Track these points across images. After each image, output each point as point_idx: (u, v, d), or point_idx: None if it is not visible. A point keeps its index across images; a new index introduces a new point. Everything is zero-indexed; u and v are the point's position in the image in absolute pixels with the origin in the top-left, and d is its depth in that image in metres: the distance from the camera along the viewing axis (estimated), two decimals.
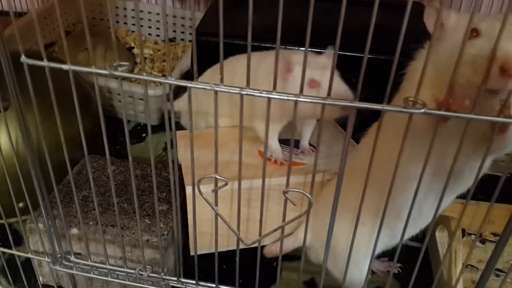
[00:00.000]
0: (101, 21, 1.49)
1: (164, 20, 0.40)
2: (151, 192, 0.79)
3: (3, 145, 0.79)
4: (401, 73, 0.60)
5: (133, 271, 0.62)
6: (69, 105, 0.55)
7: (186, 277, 0.62)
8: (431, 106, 0.41)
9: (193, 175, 0.50)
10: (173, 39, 1.45)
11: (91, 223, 0.72)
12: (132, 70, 1.31)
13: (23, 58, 0.47)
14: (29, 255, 0.69)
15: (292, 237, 0.78)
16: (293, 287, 0.80)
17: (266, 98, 0.43)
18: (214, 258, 0.57)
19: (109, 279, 0.65)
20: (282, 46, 0.48)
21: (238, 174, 0.49)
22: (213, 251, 0.56)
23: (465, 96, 0.44)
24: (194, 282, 0.61)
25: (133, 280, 0.64)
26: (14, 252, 0.68)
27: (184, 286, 0.62)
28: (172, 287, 0.64)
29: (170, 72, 0.45)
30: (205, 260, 0.79)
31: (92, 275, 0.65)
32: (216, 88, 0.44)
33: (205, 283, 0.61)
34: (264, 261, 0.72)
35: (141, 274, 0.62)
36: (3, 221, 0.66)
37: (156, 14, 1.43)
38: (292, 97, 0.42)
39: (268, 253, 0.78)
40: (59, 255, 0.65)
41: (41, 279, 0.77)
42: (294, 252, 0.81)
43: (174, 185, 0.53)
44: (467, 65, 0.48)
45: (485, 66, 0.44)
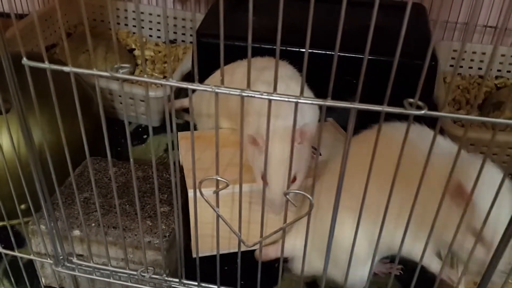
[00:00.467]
0: (102, 22, 1.49)
1: (165, 21, 0.41)
2: (153, 194, 0.79)
3: (4, 147, 0.79)
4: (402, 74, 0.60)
5: (135, 273, 0.62)
6: (70, 106, 0.55)
7: (188, 278, 0.62)
8: None
9: (194, 177, 0.50)
10: (174, 41, 1.45)
11: (93, 224, 0.73)
12: (133, 71, 1.31)
13: (24, 61, 0.47)
14: (32, 257, 0.69)
15: (289, 244, 0.76)
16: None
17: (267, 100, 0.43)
18: (215, 259, 0.57)
19: (111, 280, 0.65)
20: (282, 47, 0.48)
21: (240, 174, 0.49)
22: (215, 253, 0.56)
23: None
24: (196, 283, 0.61)
25: (135, 281, 0.64)
26: (16, 253, 0.68)
27: None
28: None
29: (171, 74, 0.45)
30: (207, 262, 0.79)
31: (94, 277, 0.66)
32: (217, 90, 0.44)
33: (207, 285, 0.61)
34: (265, 263, 0.72)
35: (143, 276, 0.62)
36: (5, 223, 0.66)
37: (157, 15, 1.43)
38: (293, 99, 0.42)
39: (264, 256, 0.76)
40: (61, 257, 0.65)
41: (43, 280, 0.78)
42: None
43: (176, 187, 0.53)
44: None
45: None
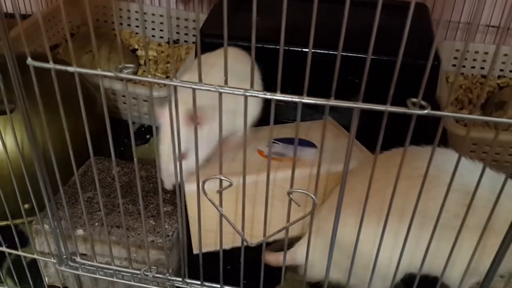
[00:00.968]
0: (105, 23, 1.49)
1: (169, 22, 0.41)
2: (156, 193, 0.79)
3: (8, 147, 0.79)
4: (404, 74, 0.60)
5: (138, 272, 0.62)
6: (73, 106, 0.56)
7: (191, 278, 0.62)
8: None
9: (198, 174, 0.51)
10: (177, 41, 1.45)
11: (96, 224, 0.73)
12: (136, 72, 1.31)
13: (29, 61, 0.47)
14: (35, 256, 0.69)
15: (291, 253, 0.74)
16: (298, 287, 0.80)
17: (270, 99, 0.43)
18: (218, 259, 0.57)
19: (115, 279, 0.65)
20: (285, 47, 0.49)
21: (243, 170, 0.49)
22: (218, 249, 0.56)
23: None
24: (199, 282, 0.61)
25: (138, 280, 0.65)
26: (20, 253, 0.68)
27: (189, 287, 0.63)
28: (177, 287, 0.64)
29: (175, 74, 0.45)
30: (210, 261, 0.80)
31: (97, 276, 0.66)
32: (221, 90, 0.44)
33: (210, 284, 0.61)
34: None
35: (146, 275, 0.62)
36: (9, 222, 0.66)
37: (160, 16, 1.44)
38: (296, 98, 0.43)
39: (271, 261, 0.77)
40: (64, 256, 0.66)
41: (47, 280, 0.78)
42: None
43: (179, 186, 0.53)
44: None
45: None
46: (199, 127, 0.69)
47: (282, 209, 0.73)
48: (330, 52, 1.00)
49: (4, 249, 0.69)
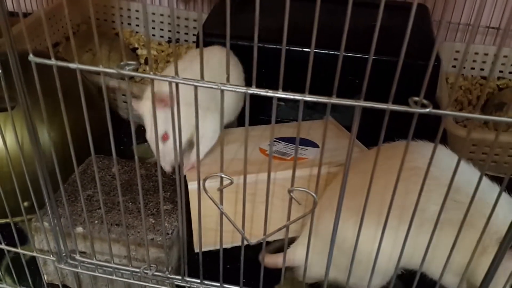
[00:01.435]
0: (105, 22, 1.49)
1: (173, 21, 0.41)
2: (156, 192, 0.79)
3: (8, 145, 0.79)
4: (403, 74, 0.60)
5: (138, 270, 0.62)
6: (73, 105, 0.56)
7: (190, 276, 0.62)
8: None
9: (199, 172, 0.51)
10: (177, 40, 1.45)
11: (96, 222, 0.73)
12: (136, 70, 1.31)
13: (31, 57, 0.47)
14: (34, 254, 0.69)
15: (289, 254, 0.73)
16: (297, 287, 0.80)
17: (272, 96, 0.43)
18: (217, 257, 0.57)
19: (114, 277, 0.65)
20: (286, 47, 0.49)
21: (244, 169, 0.49)
22: (218, 247, 0.56)
23: None
24: (199, 281, 0.61)
25: (137, 279, 0.65)
26: (19, 250, 0.68)
27: (188, 285, 0.63)
28: (177, 286, 0.64)
29: (177, 71, 0.45)
30: (210, 260, 0.80)
31: (97, 274, 0.66)
32: (223, 87, 0.44)
33: (209, 282, 0.61)
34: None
35: (146, 273, 0.62)
36: (8, 220, 0.66)
37: (160, 15, 1.44)
38: (298, 96, 0.43)
39: (269, 264, 0.76)
40: (64, 254, 0.65)
41: (46, 277, 0.78)
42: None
43: (180, 184, 0.53)
44: None
45: None
46: (168, 109, 0.73)
47: (282, 208, 0.73)
48: (330, 52, 1.00)
49: (3, 246, 0.69)
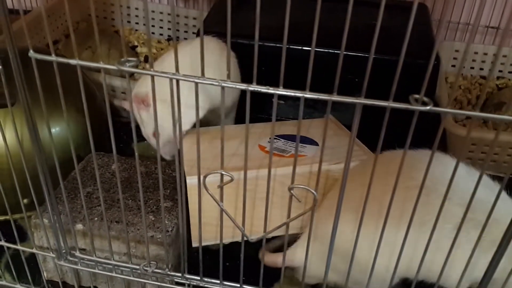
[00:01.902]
0: (105, 19, 1.49)
1: (173, 19, 0.41)
2: (155, 189, 0.80)
3: (8, 141, 0.79)
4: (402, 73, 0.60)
5: (137, 267, 0.62)
6: (73, 103, 0.56)
7: (190, 273, 0.62)
8: None
9: (199, 167, 0.51)
10: (177, 38, 1.45)
11: (96, 219, 0.73)
12: (136, 66, 1.31)
13: (31, 53, 0.47)
14: (34, 251, 0.69)
15: (289, 255, 0.73)
16: (297, 285, 0.80)
17: (273, 93, 0.43)
18: (217, 255, 0.58)
19: (114, 274, 0.65)
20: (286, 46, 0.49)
21: (244, 167, 0.49)
22: (217, 242, 0.56)
23: None
24: (199, 278, 0.62)
25: (137, 276, 0.65)
26: (18, 247, 0.68)
27: (188, 282, 0.63)
28: (176, 283, 0.64)
29: (178, 68, 0.45)
30: (209, 258, 0.80)
31: (96, 271, 0.66)
32: (224, 84, 0.44)
33: (209, 279, 0.61)
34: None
35: (146, 270, 0.62)
36: (8, 217, 0.66)
37: (160, 13, 1.44)
38: (299, 93, 0.43)
39: (269, 263, 0.76)
40: (64, 251, 0.66)
41: (45, 274, 0.78)
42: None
43: (180, 181, 0.53)
44: None
45: None
46: (149, 109, 0.81)
47: (281, 205, 0.73)
48: (330, 51, 1.00)
49: (2, 243, 0.69)
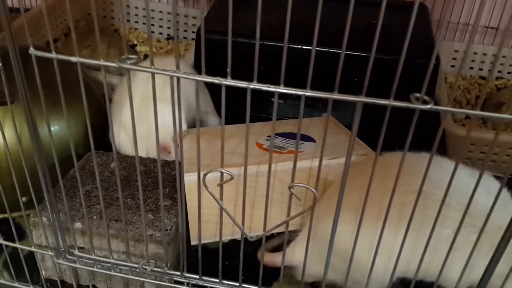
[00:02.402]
0: (104, 18, 1.49)
1: (174, 18, 0.41)
2: (154, 188, 0.79)
3: (7, 139, 0.79)
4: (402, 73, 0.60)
5: (136, 266, 0.62)
6: (72, 101, 0.56)
7: (189, 272, 0.62)
8: None
9: (199, 164, 0.50)
10: (177, 37, 1.45)
11: (95, 217, 0.73)
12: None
13: (31, 50, 0.47)
14: (33, 249, 0.69)
15: (287, 254, 0.72)
16: (296, 284, 0.80)
17: (274, 91, 0.43)
18: (216, 254, 0.57)
19: (113, 273, 0.65)
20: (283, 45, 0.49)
21: (244, 164, 0.49)
22: (217, 239, 0.56)
23: None
24: (198, 276, 0.61)
25: (136, 274, 0.64)
26: (17, 245, 0.68)
27: (187, 281, 0.63)
28: (175, 281, 0.64)
29: (178, 66, 0.45)
30: (208, 257, 0.80)
31: (95, 269, 0.66)
32: (224, 82, 0.44)
33: (208, 278, 0.61)
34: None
35: (145, 269, 0.62)
36: (7, 215, 0.66)
37: (159, 12, 1.43)
38: (300, 92, 0.43)
39: (267, 263, 0.76)
40: (62, 249, 0.65)
41: (44, 273, 0.78)
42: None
43: (180, 181, 0.53)
44: None
45: None
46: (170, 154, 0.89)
47: (280, 201, 0.73)
48: (330, 50, 1.00)
49: (1, 241, 0.69)
